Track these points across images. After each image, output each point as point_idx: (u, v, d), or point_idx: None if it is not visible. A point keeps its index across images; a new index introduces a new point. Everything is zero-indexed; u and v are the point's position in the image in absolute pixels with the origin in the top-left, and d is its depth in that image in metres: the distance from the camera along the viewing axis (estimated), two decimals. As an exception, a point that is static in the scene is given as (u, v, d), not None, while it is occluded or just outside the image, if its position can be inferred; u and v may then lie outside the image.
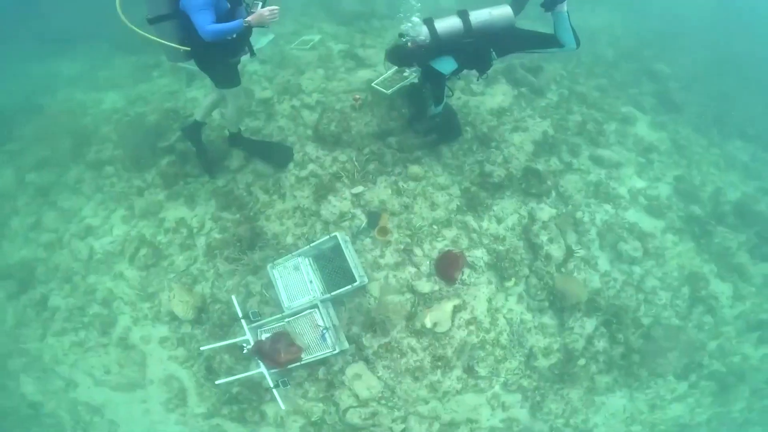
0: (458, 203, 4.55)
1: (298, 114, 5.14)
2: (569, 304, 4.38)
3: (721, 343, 4.80)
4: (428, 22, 3.79)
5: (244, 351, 3.49)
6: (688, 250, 5.28)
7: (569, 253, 4.57)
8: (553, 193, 4.89)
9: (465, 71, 4.16)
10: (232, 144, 4.60)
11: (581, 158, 5.37)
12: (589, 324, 4.49)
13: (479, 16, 3.78)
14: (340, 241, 3.71)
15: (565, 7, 3.66)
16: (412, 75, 4.87)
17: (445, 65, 3.97)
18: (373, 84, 4.88)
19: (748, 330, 4.85)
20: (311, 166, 4.67)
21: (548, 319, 4.39)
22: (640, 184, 5.59)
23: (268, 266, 3.83)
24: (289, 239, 4.25)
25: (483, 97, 5.36)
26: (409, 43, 3.84)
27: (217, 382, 3.69)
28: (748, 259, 5.33)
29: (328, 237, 3.78)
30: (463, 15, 3.78)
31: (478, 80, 4.28)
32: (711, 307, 4.86)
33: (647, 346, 4.39)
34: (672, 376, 4.54)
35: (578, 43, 3.80)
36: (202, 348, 3.68)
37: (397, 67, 4.91)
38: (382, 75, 5.13)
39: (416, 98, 4.67)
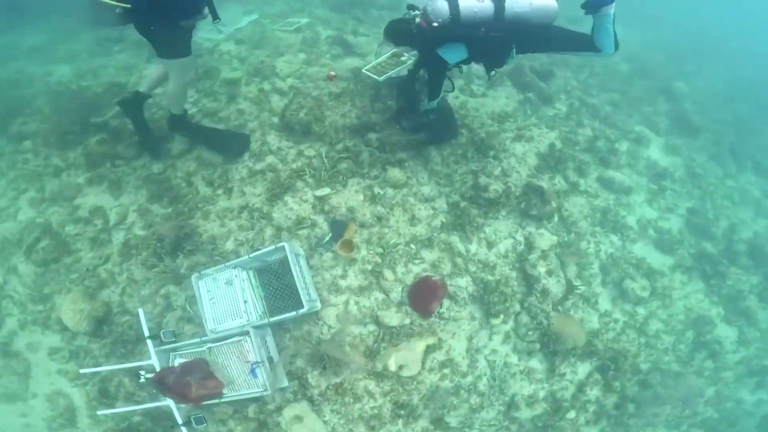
0: (443, 220, 3.76)
1: (265, 98, 4.31)
2: (564, 348, 3.61)
3: (719, 389, 4.34)
4: None
5: (141, 380, 2.62)
6: (696, 291, 4.71)
7: (569, 289, 3.78)
8: (556, 217, 4.11)
9: (472, 64, 3.44)
10: (172, 128, 3.76)
11: (589, 179, 4.65)
12: (582, 369, 3.81)
13: (517, 5, 3.02)
14: (288, 254, 2.87)
15: (612, 9, 2.97)
16: (410, 60, 4.11)
17: (454, 54, 3.22)
18: (363, 69, 4.08)
19: (748, 375, 4.51)
20: (270, 159, 3.83)
21: (537, 363, 3.63)
22: (650, 214, 4.94)
23: (193, 276, 2.98)
24: (230, 245, 3.40)
25: (484, 98, 4.58)
26: (417, 19, 3.07)
27: (99, 413, 2.82)
28: (757, 302, 4.89)
29: (273, 247, 2.94)
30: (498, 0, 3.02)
31: (489, 78, 3.51)
32: (714, 352, 4.37)
33: (643, 394, 3.88)
34: (663, 427, 4.05)
35: (617, 47, 3.13)
36: (82, 371, 2.80)
37: (393, 51, 4.14)
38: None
39: (407, 89, 3.88)
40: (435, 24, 3.01)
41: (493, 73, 3.43)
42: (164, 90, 3.59)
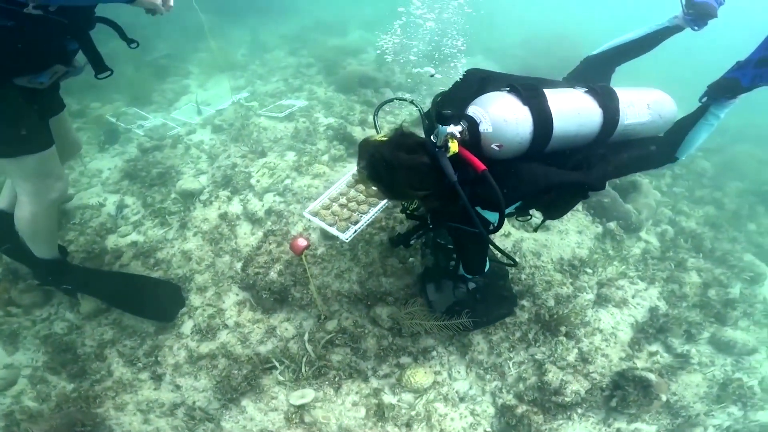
0: (488, 428, 2.47)
1: (229, 230, 3.10)
2: None
3: None
4: (533, 101, 1.64)
5: None
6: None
7: None
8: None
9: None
10: (41, 280, 2.56)
11: (701, 344, 3.27)
12: None
13: (634, 113, 1.84)
14: None
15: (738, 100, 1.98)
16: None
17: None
18: (305, 213, 2.60)
19: None
20: (224, 337, 2.55)
21: None
22: None
23: None
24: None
25: (547, 234, 3.27)
26: (453, 143, 1.55)
27: None
28: None
29: None
30: (609, 101, 1.76)
31: (535, 230, 2.38)
32: None
33: None
34: None
35: None
36: None
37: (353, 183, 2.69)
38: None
39: (441, 245, 2.60)
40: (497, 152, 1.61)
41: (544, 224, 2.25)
42: (15, 215, 2.20)
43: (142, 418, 2.38)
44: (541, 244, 3.10)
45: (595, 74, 2.24)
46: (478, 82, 1.79)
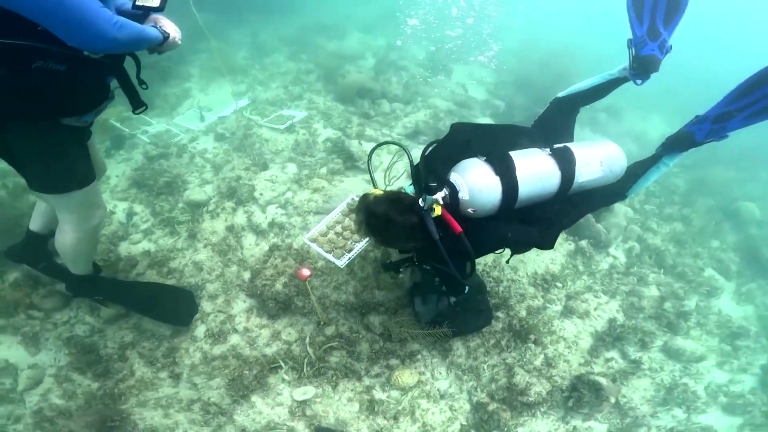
0: (464, 422, 2.91)
1: (236, 241, 3.47)
2: None
3: None
4: (504, 172, 1.98)
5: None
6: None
7: None
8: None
9: None
10: (75, 293, 2.88)
11: (653, 352, 3.76)
12: None
13: (588, 171, 2.18)
14: None
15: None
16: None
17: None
18: (305, 238, 2.81)
19: None
20: (234, 340, 2.94)
21: None
22: (721, 378, 4.09)
23: None
24: (180, 442, 2.49)
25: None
26: (436, 207, 1.96)
27: None
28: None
29: None
30: (567, 164, 2.10)
31: (507, 261, 2.89)
32: None
33: None
34: None
35: None
36: None
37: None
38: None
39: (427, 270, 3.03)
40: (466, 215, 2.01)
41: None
42: (56, 239, 2.43)
43: (162, 413, 2.73)
44: (519, 260, 3.54)
45: (562, 114, 2.61)
46: (462, 144, 2.17)
